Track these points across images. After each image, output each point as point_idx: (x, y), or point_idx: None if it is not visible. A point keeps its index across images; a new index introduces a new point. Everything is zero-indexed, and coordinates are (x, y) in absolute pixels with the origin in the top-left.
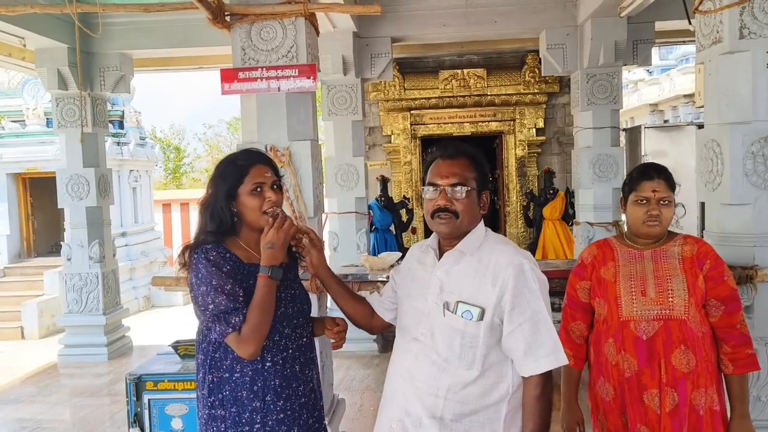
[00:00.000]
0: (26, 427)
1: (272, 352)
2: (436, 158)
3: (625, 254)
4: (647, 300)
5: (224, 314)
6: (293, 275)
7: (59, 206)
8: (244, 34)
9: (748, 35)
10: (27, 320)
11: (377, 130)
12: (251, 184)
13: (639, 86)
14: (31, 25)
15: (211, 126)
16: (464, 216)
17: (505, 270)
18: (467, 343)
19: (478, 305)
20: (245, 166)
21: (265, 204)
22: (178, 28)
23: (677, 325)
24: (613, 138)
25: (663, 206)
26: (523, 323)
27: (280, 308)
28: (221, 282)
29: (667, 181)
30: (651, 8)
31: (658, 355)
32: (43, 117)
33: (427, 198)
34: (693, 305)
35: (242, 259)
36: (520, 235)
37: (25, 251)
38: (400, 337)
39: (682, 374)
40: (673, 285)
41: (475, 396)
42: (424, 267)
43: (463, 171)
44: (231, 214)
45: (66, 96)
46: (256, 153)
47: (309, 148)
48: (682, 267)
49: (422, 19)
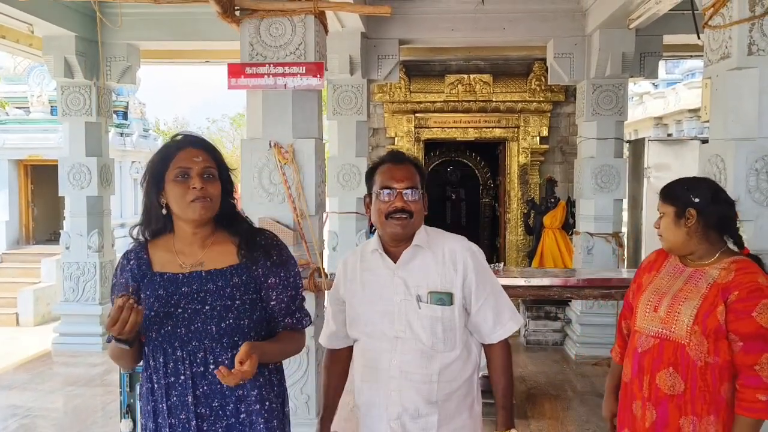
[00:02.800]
0: (18, 414)
1: (158, 374)
2: (383, 163)
3: (671, 267)
4: (655, 316)
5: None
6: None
7: (60, 194)
8: (253, 30)
9: (757, 52)
10: (23, 307)
11: (381, 131)
12: (175, 169)
13: (644, 99)
14: (41, 11)
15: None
16: (417, 216)
17: (463, 254)
18: (447, 326)
19: (447, 291)
20: (173, 149)
21: (190, 193)
22: (186, 21)
23: (672, 348)
24: (617, 149)
25: (662, 219)
26: (488, 297)
27: (165, 326)
28: (112, 293)
29: (661, 193)
30: (660, 21)
31: (644, 370)
32: (47, 105)
33: (382, 200)
34: (698, 333)
35: (154, 266)
36: (519, 242)
37: (24, 238)
38: (373, 341)
39: (664, 395)
40: (683, 308)
41: (457, 372)
42: (374, 271)
43: (413, 175)
44: (159, 206)
45: (72, 84)
46: (188, 135)
47: (313, 146)
48: (706, 292)
49: (431, 23)
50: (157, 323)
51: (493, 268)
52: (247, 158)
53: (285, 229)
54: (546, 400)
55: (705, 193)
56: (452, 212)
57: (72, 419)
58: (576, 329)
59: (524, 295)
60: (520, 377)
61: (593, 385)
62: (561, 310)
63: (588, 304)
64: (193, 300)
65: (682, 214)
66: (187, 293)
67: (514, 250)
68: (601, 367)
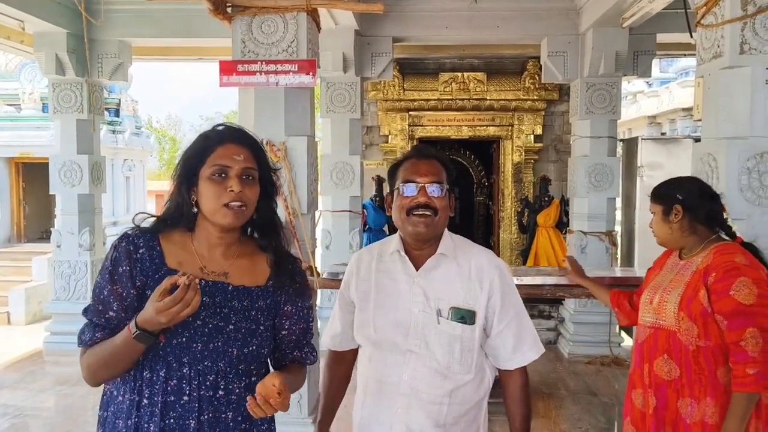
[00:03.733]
0: (8, 413)
1: (152, 388)
2: (408, 158)
3: (671, 263)
4: (651, 308)
5: (84, 326)
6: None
7: (51, 192)
8: (245, 27)
9: (749, 51)
10: (14, 306)
11: (375, 129)
12: (212, 166)
13: (638, 98)
14: (32, 8)
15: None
16: (442, 214)
17: (490, 271)
18: (466, 347)
19: (470, 309)
20: (212, 143)
21: (225, 195)
22: (178, 18)
23: (665, 335)
24: (610, 148)
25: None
26: (510, 321)
27: (178, 337)
28: (103, 284)
29: (651, 193)
30: (653, 20)
31: (643, 359)
32: (39, 102)
33: (405, 195)
34: (685, 319)
35: (168, 260)
36: (513, 241)
37: (15, 236)
38: (382, 351)
39: (663, 381)
40: (670, 297)
41: (469, 396)
42: (392, 275)
43: (438, 171)
44: (189, 202)
45: (63, 81)
46: (230, 129)
47: (305, 144)
48: (689, 280)
49: (425, 21)
50: (169, 330)
51: None
52: None
53: None
54: (539, 398)
55: (690, 190)
56: None
57: (63, 418)
58: (569, 328)
59: None
60: None
61: (586, 383)
62: (554, 308)
63: (581, 303)
64: (215, 315)
65: (669, 211)
66: (208, 305)
67: (507, 249)
68: (594, 366)
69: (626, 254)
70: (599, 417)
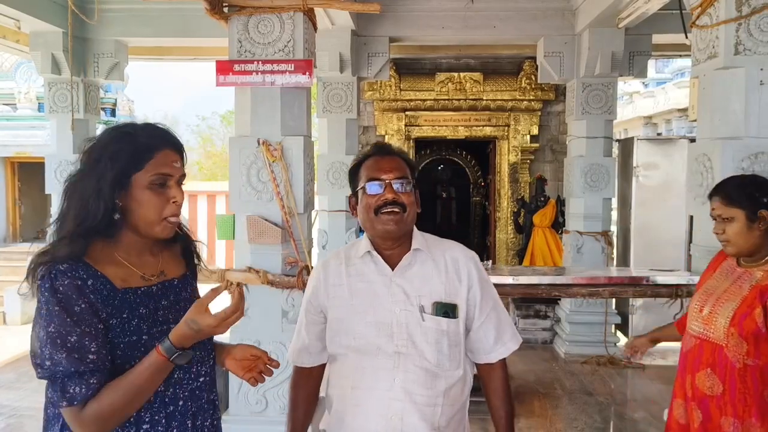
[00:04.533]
0: (3, 413)
1: (153, 408)
2: (369, 156)
3: (726, 268)
4: (700, 317)
5: (61, 379)
6: (189, 293)
7: (47, 192)
8: (242, 27)
9: (744, 51)
10: (9, 306)
11: (371, 129)
12: (153, 174)
13: (634, 98)
14: (27, 7)
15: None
16: (410, 210)
17: (467, 263)
18: (453, 342)
19: (452, 302)
20: (150, 147)
21: (168, 207)
22: (175, 18)
23: (711, 348)
24: (606, 148)
25: (726, 224)
26: (490, 312)
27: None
28: (64, 330)
29: (725, 196)
30: (649, 21)
31: (686, 370)
32: (35, 101)
33: (371, 193)
34: (735, 335)
35: (115, 282)
36: (509, 241)
37: (11, 236)
38: (367, 358)
39: (704, 395)
40: (723, 309)
41: (458, 394)
42: (366, 278)
43: (402, 166)
44: (111, 208)
45: (59, 81)
46: (164, 132)
47: (302, 144)
48: (746, 294)
49: (421, 21)
50: (150, 344)
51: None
52: (235, 156)
53: (273, 227)
54: (535, 398)
55: None
56: (442, 211)
57: None
58: (565, 327)
59: (512, 293)
60: (509, 375)
61: (582, 383)
62: (551, 308)
63: (577, 303)
64: (177, 311)
65: (754, 217)
66: (167, 306)
67: (504, 249)
68: (590, 366)
69: (622, 254)
70: (595, 416)
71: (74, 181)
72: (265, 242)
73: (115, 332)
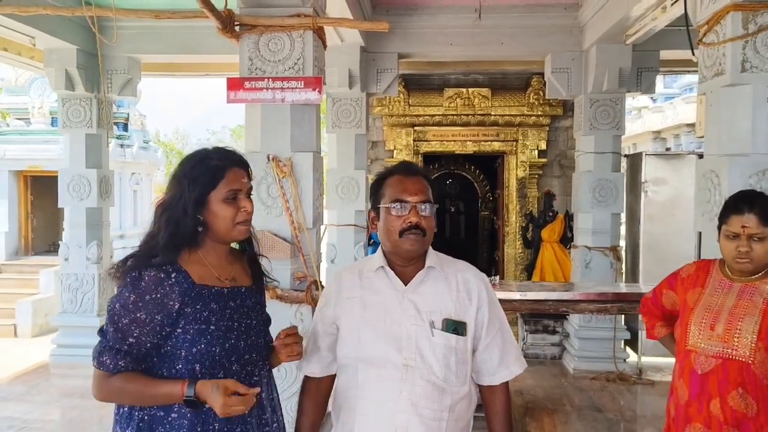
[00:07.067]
0: (14, 426)
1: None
2: (393, 174)
3: (717, 282)
4: (713, 335)
5: (103, 348)
6: (253, 302)
7: (59, 205)
8: (252, 45)
9: (750, 69)
10: (21, 318)
11: (380, 144)
12: (226, 191)
13: (642, 113)
14: (42, 24)
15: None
16: (430, 234)
17: (478, 284)
18: (460, 359)
19: (461, 320)
20: (220, 168)
21: (240, 215)
22: (187, 35)
23: (737, 367)
24: (615, 163)
25: (755, 242)
26: (497, 333)
27: (229, 340)
28: (123, 312)
29: (761, 215)
30: (656, 37)
31: (709, 392)
32: (48, 116)
33: (396, 215)
34: (763, 350)
35: (194, 278)
36: (518, 255)
37: (23, 249)
38: (375, 369)
39: (744, 416)
40: (744, 325)
41: (464, 411)
42: (379, 291)
43: (426, 188)
44: (196, 223)
45: (72, 96)
46: (231, 153)
47: (311, 160)
48: (764, 308)
49: (429, 37)
50: (222, 337)
51: (490, 281)
52: None
53: (282, 242)
54: (544, 414)
55: None
56: (451, 225)
57: (68, 431)
58: (574, 343)
59: (520, 308)
60: (518, 391)
61: (591, 399)
62: (559, 323)
63: (586, 318)
64: (242, 314)
65: None
66: (234, 307)
67: (512, 264)
68: (599, 382)
69: (631, 269)
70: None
71: (166, 203)
72: (275, 257)
73: (187, 319)
